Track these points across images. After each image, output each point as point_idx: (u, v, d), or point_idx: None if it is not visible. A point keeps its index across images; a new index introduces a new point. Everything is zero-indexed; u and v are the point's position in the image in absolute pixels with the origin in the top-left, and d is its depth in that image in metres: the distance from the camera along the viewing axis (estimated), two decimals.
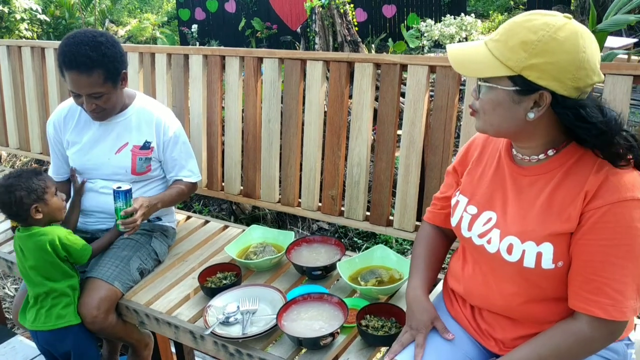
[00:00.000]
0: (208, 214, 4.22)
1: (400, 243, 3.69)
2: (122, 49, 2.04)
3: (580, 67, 1.13)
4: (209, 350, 1.78)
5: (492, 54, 1.19)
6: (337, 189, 2.28)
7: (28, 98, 3.21)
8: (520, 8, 10.82)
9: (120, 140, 2.14)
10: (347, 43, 6.18)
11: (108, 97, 2.00)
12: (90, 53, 1.90)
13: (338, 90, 2.21)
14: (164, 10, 13.26)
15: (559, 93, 1.15)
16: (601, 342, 1.25)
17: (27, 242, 1.90)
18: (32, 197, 1.87)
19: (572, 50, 1.13)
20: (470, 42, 1.27)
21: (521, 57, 1.14)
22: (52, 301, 1.90)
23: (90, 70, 1.91)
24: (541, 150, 1.27)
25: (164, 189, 2.25)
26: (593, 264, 1.19)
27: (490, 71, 1.19)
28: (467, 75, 1.25)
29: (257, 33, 10.28)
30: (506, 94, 1.19)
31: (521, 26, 1.17)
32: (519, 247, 1.27)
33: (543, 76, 1.14)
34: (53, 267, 1.89)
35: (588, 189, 1.19)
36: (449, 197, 1.52)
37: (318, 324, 1.68)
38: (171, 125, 2.19)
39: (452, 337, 1.41)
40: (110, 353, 2.34)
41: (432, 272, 1.56)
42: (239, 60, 2.44)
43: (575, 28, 1.15)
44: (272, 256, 2.03)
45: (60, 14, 9.17)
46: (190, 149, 2.26)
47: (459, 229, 1.43)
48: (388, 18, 9.84)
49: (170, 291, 2.01)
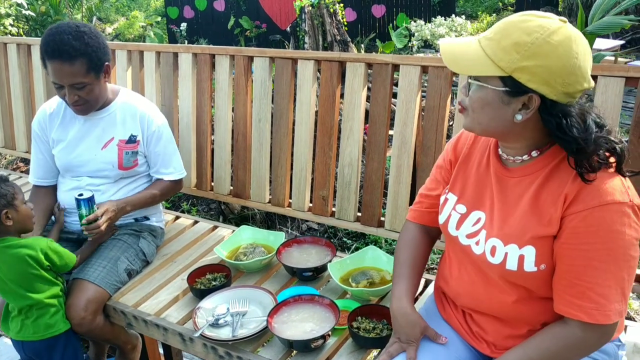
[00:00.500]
0: (196, 213, 4.19)
1: (389, 243, 3.68)
2: (105, 40, 2.04)
3: (571, 72, 1.12)
4: (198, 353, 1.75)
5: (484, 52, 1.18)
6: (328, 190, 2.27)
7: (13, 95, 3.16)
8: (508, 9, 10.88)
9: (106, 135, 2.12)
10: (337, 43, 6.17)
11: (91, 88, 1.98)
12: (72, 42, 1.90)
13: (329, 90, 2.19)
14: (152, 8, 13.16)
15: (548, 97, 1.14)
16: (592, 344, 1.24)
17: (2, 254, 1.80)
18: (1, 202, 1.78)
19: (564, 55, 1.12)
20: (463, 38, 1.25)
21: (513, 58, 1.13)
22: (37, 312, 1.84)
23: (72, 59, 1.90)
24: (525, 151, 1.26)
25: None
26: (576, 268, 1.19)
27: (482, 69, 1.18)
28: (458, 71, 1.24)
29: (246, 32, 10.25)
30: (495, 94, 1.18)
31: (516, 27, 1.15)
32: (502, 250, 1.26)
33: (533, 79, 1.13)
34: (35, 278, 1.81)
35: (568, 192, 1.19)
36: (438, 196, 1.50)
37: (309, 326, 1.66)
38: (155, 118, 2.17)
39: (445, 340, 1.40)
40: (97, 355, 2.31)
41: (417, 278, 1.53)
42: (229, 59, 2.42)
43: (569, 33, 1.14)
44: (262, 257, 2.02)
45: (45, 10, 9.08)
46: (174, 145, 2.25)
47: (445, 227, 1.42)
48: (377, 18, 9.86)
49: (158, 292, 1.98)
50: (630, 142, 1.70)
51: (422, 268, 1.56)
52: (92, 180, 2.12)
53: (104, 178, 2.13)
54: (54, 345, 1.87)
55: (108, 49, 2.04)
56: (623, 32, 8.21)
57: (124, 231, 2.15)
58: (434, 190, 1.53)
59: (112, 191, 2.13)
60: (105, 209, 1.99)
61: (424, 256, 1.57)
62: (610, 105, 1.69)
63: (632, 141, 1.69)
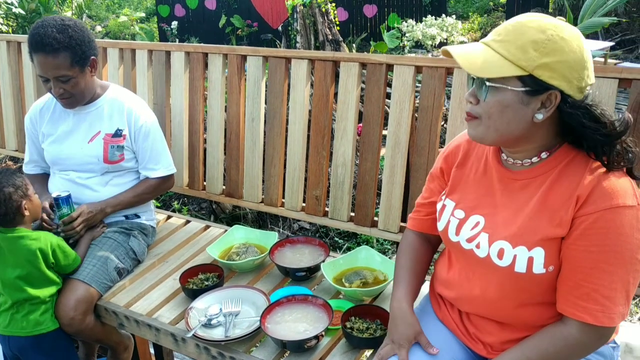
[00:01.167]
0: (187, 213, 4.17)
1: (381, 243, 3.68)
2: (91, 35, 2.05)
3: (584, 67, 1.15)
4: (190, 353, 1.74)
5: (499, 54, 1.16)
6: (321, 189, 2.26)
7: (3, 93, 3.13)
8: (499, 10, 10.92)
9: (93, 129, 2.14)
10: (329, 42, 6.16)
11: (76, 81, 2.01)
12: (56, 35, 1.93)
13: (323, 89, 2.19)
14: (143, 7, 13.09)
15: (567, 93, 1.15)
16: (591, 346, 1.25)
17: (12, 244, 1.82)
18: (19, 193, 1.82)
19: (578, 49, 1.14)
20: (468, 44, 1.24)
21: (532, 56, 1.13)
22: (29, 307, 1.84)
23: (56, 51, 1.93)
24: (535, 153, 1.26)
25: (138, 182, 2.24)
26: (583, 269, 1.19)
27: (501, 70, 1.15)
28: (479, 74, 1.18)
29: (238, 31, 10.22)
30: (515, 95, 1.16)
31: (527, 26, 1.15)
32: (510, 252, 1.25)
33: (555, 75, 1.13)
34: (38, 273, 1.83)
35: (580, 193, 1.19)
36: (434, 203, 1.51)
37: (302, 326, 1.66)
38: (142, 115, 2.17)
39: (437, 351, 1.39)
40: (87, 355, 2.29)
41: (417, 282, 1.54)
42: (222, 58, 2.41)
43: (574, 29, 1.17)
44: (255, 257, 2.01)
45: (35, 8, 9.00)
46: (163, 142, 2.24)
47: (445, 234, 1.42)
48: (369, 18, 9.86)
49: (150, 292, 1.97)
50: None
51: (422, 273, 1.56)
52: (79, 174, 2.14)
53: (90, 172, 2.14)
54: (40, 343, 1.85)
55: (94, 44, 2.06)
56: (612, 34, 8.27)
57: (114, 229, 2.13)
58: (429, 199, 1.54)
59: (100, 185, 2.14)
60: (80, 211, 2.02)
61: (423, 261, 1.57)
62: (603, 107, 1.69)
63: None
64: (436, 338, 1.43)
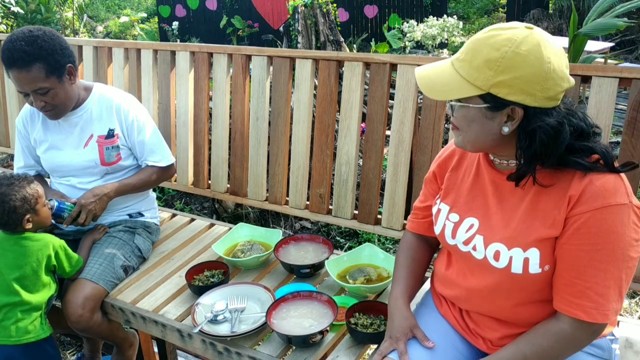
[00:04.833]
0: (190, 212, 4.19)
1: (382, 242, 3.70)
2: (63, 42, 1.98)
3: (547, 77, 1.14)
4: (196, 349, 1.76)
5: (459, 74, 1.19)
6: (325, 188, 2.28)
7: (8, 92, 3.15)
8: (499, 10, 10.95)
9: (85, 133, 2.11)
10: (330, 43, 6.18)
11: (55, 92, 1.95)
12: (26, 48, 1.86)
13: (327, 88, 2.21)
14: (143, 7, 13.10)
15: (532, 105, 1.16)
16: (584, 341, 1.27)
17: (12, 244, 1.81)
18: (25, 207, 1.79)
19: (536, 63, 1.13)
20: (437, 62, 1.26)
21: (487, 75, 1.15)
22: (20, 314, 1.78)
23: (28, 65, 1.87)
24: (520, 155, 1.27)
25: None
26: (577, 268, 1.21)
27: (460, 92, 1.19)
28: (437, 98, 1.24)
29: (239, 31, 10.24)
30: (478, 111, 1.20)
31: (484, 44, 1.17)
32: (506, 254, 1.28)
33: (512, 91, 1.14)
34: (36, 276, 1.81)
35: (572, 193, 1.21)
36: (430, 206, 1.54)
37: (307, 322, 1.68)
38: (132, 109, 2.15)
39: (433, 345, 1.42)
40: (92, 352, 2.31)
41: (415, 281, 1.57)
42: (227, 58, 2.43)
43: (537, 39, 1.15)
44: (260, 254, 2.03)
45: (35, 8, 8.99)
46: (157, 134, 2.22)
47: (442, 237, 1.45)
48: (370, 18, 9.89)
49: (156, 289, 1.99)
50: (622, 141, 1.73)
51: (420, 272, 1.59)
52: (80, 179, 2.13)
53: (90, 176, 2.13)
54: (30, 352, 1.79)
55: (68, 51, 1.98)
56: (612, 35, 8.30)
57: (118, 228, 2.15)
58: (425, 202, 1.58)
59: None
60: (79, 208, 2.00)
61: (421, 260, 1.60)
62: (604, 106, 1.72)
63: (625, 140, 1.72)
64: (437, 332, 1.46)
